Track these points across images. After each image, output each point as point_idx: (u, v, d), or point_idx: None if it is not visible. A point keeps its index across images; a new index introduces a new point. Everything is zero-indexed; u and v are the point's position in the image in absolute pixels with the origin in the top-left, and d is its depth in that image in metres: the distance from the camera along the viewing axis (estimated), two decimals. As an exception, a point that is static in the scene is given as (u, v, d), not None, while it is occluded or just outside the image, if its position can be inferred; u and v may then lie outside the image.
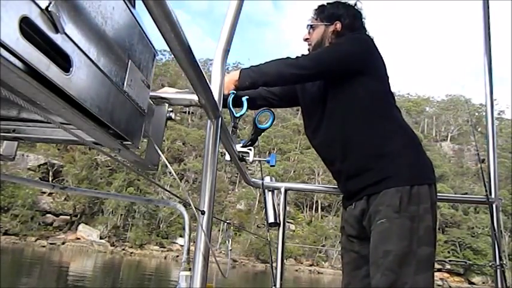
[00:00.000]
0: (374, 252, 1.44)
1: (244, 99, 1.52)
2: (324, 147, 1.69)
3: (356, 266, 1.61)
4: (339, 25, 1.69)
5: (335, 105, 1.59)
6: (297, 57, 1.56)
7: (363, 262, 1.56)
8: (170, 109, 1.05)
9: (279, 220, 2.02)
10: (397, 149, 1.52)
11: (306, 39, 1.77)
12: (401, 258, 1.37)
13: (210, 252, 0.96)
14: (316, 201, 50.02)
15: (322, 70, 1.56)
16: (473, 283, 41.39)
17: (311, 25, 1.75)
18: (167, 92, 1.11)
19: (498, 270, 1.98)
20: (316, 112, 1.67)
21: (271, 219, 2.00)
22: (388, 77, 1.64)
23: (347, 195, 1.66)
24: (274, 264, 1.98)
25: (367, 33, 1.71)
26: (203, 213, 0.96)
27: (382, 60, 1.64)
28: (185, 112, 59.87)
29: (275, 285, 1.97)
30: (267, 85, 1.66)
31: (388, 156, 1.51)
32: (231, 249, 1.90)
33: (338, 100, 1.59)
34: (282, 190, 2.10)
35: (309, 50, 1.75)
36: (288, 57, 1.56)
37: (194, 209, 0.95)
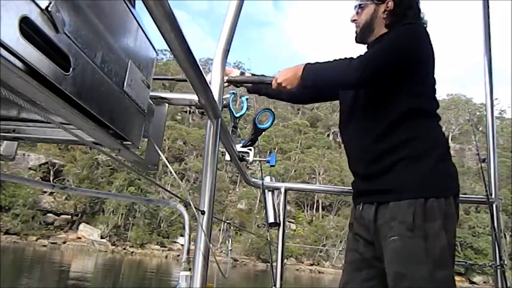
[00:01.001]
0: (388, 272, 1.35)
1: (244, 99, 1.52)
2: (347, 145, 1.61)
3: (357, 267, 1.53)
4: (391, 3, 1.52)
5: (366, 102, 1.50)
6: (361, 58, 1.39)
7: (365, 265, 1.50)
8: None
9: (279, 220, 2.03)
10: (415, 154, 1.39)
11: (353, 21, 1.62)
12: (417, 284, 1.26)
13: (210, 252, 0.96)
14: (317, 201, 49.98)
15: (386, 75, 1.41)
16: (474, 283, 41.34)
17: (359, 4, 1.59)
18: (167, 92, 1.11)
19: (498, 270, 1.98)
20: (347, 107, 1.59)
21: (271, 219, 2.00)
22: (434, 80, 1.50)
23: (356, 193, 1.59)
24: (274, 264, 1.98)
25: (422, 16, 1.55)
26: (203, 213, 0.96)
27: (433, 59, 1.48)
28: (186, 111, 59.86)
29: (275, 285, 1.97)
30: (328, 88, 1.63)
31: (403, 162, 1.39)
32: (231, 249, 1.91)
33: (369, 97, 1.50)
34: (282, 190, 2.10)
35: (356, 32, 1.62)
36: (351, 59, 1.40)
37: (194, 209, 0.95)
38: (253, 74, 1.67)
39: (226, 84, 1.56)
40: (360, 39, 1.63)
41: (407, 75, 1.42)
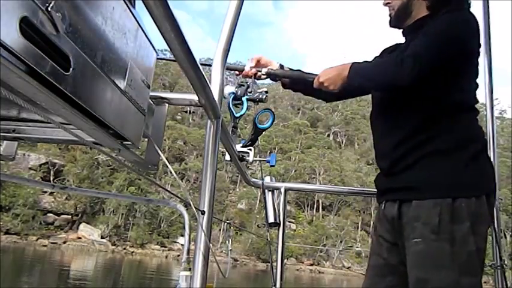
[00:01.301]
0: (410, 276, 1.26)
1: (244, 99, 1.52)
2: (375, 138, 1.49)
3: (381, 273, 1.42)
4: None
5: (400, 95, 1.37)
6: (413, 55, 1.24)
7: (389, 271, 1.39)
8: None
9: (279, 220, 2.03)
10: (444, 149, 1.26)
11: (386, 4, 1.48)
12: None
13: (210, 252, 0.96)
14: (317, 201, 49.99)
15: (440, 71, 1.27)
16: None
17: None
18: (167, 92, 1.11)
19: (498, 270, 1.98)
20: (380, 99, 1.49)
21: (271, 219, 2.00)
22: (478, 73, 1.39)
23: (379, 191, 1.47)
24: (274, 264, 1.98)
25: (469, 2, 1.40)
26: (203, 213, 0.96)
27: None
28: (186, 111, 59.87)
29: (275, 285, 1.97)
30: (376, 89, 1.47)
31: (430, 157, 1.27)
32: (231, 249, 1.91)
33: (404, 90, 1.35)
34: (282, 190, 2.10)
35: (390, 15, 1.47)
36: (398, 56, 1.27)
37: (194, 209, 0.95)
38: (290, 69, 1.59)
39: (264, 76, 1.53)
40: (394, 23, 1.49)
41: (456, 68, 1.30)
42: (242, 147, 1.55)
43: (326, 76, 1.38)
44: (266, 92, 1.52)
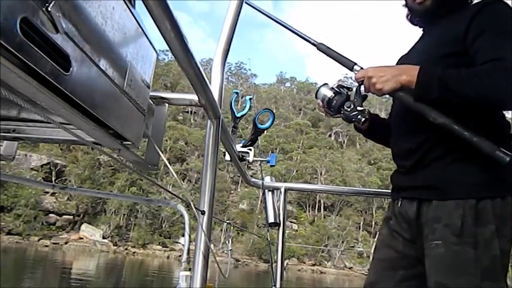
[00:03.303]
0: (429, 280, 1.19)
1: (247, 98, 1.52)
2: (396, 136, 1.39)
3: (392, 267, 1.33)
4: None
5: None
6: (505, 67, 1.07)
7: (402, 265, 1.31)
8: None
9: (279, 220, 2.03)
10: (467, 145, 1.12)
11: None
12: None
13: (210, 252, 0.96)
14: (319, 201, 49.95)
15: None
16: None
17: None
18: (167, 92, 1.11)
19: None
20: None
21: (271, 219, 2.00)
22: None
23: (396, 188, 1.38)
24: (274, 264, 1.98)
25: None
26: (203, 213, 0.97)
27: None
28: (187, 112, 59.92)
29: (275, 285, 1.97)
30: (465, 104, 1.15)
31: (455, 156, 1.19)
32: (231, 249, 1.91)
33: None
34: (282, 190, 2.10)
35: (423, 5, 1.32)
36: (492, 70, 1.08)
37: (194, 209, 0.95)
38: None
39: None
40: (431, 10, 1.33)
41: None
42: (242, 147, 1.55)
43: (377, 73, 1.18)
44: (368, 113, 1.27)
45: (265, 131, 1.61)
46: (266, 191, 2.06)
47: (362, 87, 1.25)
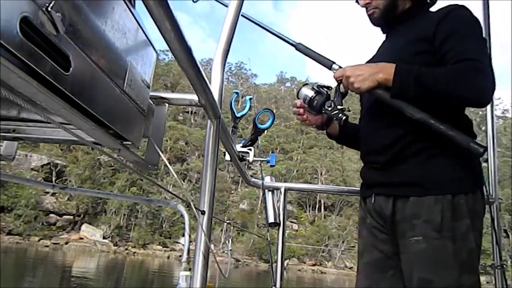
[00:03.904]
0: (409, 278, 1.20)
1: (247, 98, 1.52)
2: (368, 131, 1.40)
3: (381, 268, 1.33)
4: None
5: None
6: (478, 68, 1.13)
7: (389, 265, 1.31)
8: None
9: (279, 220, 2.03)
10: (445, 144, 1.18)
11: (366, 4, 1.40)
12: None
13: (210, 252, 0.96)
14: (319, 201, 49.94)
15: None
16: (477, 283, 41.16)
17: None
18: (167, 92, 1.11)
19: (498, 270, 1.97)
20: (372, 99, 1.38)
21: (271, 219, 2.00)
22: None
23: (367, 184, 1.39)
24: (274, 264, 1.98)
25: None
26: (203, 213, 0.97)
27: None
28: (188, 112, 59.91)
29: (275, 285, 1.97)
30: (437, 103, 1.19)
31: (430, 152, 1.22)
32: (231, 249, 1.91)
33: None
34: (282, 190, 2.10)
35: (373, 14, 1.41)
36: (462, 70, 1.13)
37: (194, 209, 0.95)
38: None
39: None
40: (380, 21, 1.43)
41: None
42: (242, 147, 1.55)
43: (356, 72, 1.22)
44: (347, 111, 1.29)
45: (265, 131, 1.61)
46: (266, 191, 2.06)
47: (341, 86, 1.28)
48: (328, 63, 1.33)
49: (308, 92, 1.34)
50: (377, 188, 1.33)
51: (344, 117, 1.29)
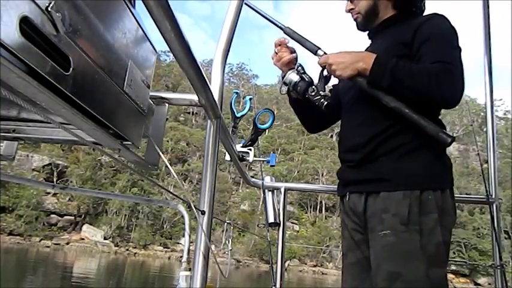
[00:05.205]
0: (377, 271, 1.22)
1: (247, 98, 1.52)
2: (346, 130, 1.45)
3: (365, 268, 1.33)
4: None
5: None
6: (450, 73, 1.19)
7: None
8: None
9: (279, 220, 2.03)
10: (416, 142, 1.24)
11: (349, 10, 1.47)
12: (412, 285, 1.14)
13: (211, 252, 0.96)
14: (320, 202, 49.89)
15: None
16: (479, 284, 41.05)
17: None
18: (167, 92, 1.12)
19: (498, 270, 1.97)
20: (350, 92, 1.44)
21: (271, 219, 2.00)
22: None
23: (342, 183, 1.43)
24: (274, 264, 1.98)
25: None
26: (203, 213, 0.97)
27: None
28: (189, 113, 59.94)
29: (275, 285, 1.97)
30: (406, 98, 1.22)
31: (401, 149, 1.26)
32: (231, 249, 1.91)
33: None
34: (282, 190, 2.11)
35: (357, 20, 1.47)
36: (432, 72, 1.17)
37: (194, 209, 0.95)
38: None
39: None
40: (363, 26, 1.49)
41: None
42: (242, 147, 1.56)
43: (338, 59, 1.26)
44: (329, 97, 1.33)
45: (266, 131, 1.61)
46: (266, 191, 2.06)
47: (325, 72, 1.34)
48: (313, 49, 1.37)
49: (293, 77, 1.39)
50: (351, 186, 1.38)
51: (326, 103, 1.33)
